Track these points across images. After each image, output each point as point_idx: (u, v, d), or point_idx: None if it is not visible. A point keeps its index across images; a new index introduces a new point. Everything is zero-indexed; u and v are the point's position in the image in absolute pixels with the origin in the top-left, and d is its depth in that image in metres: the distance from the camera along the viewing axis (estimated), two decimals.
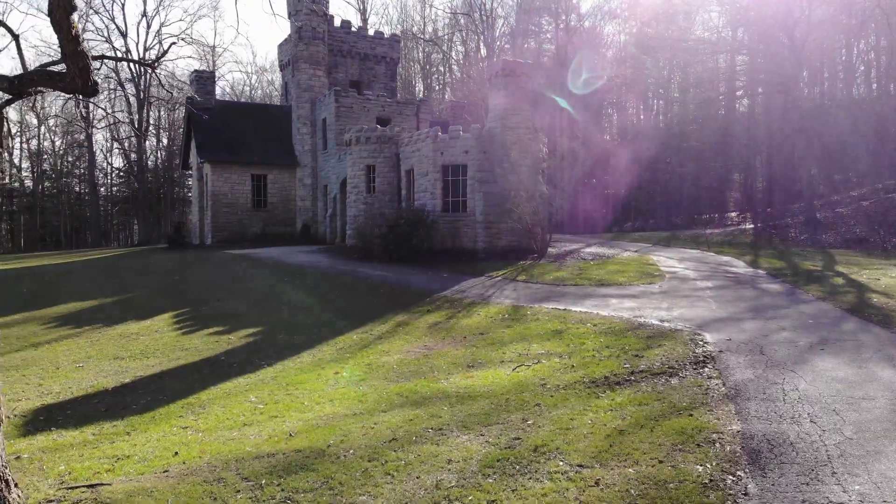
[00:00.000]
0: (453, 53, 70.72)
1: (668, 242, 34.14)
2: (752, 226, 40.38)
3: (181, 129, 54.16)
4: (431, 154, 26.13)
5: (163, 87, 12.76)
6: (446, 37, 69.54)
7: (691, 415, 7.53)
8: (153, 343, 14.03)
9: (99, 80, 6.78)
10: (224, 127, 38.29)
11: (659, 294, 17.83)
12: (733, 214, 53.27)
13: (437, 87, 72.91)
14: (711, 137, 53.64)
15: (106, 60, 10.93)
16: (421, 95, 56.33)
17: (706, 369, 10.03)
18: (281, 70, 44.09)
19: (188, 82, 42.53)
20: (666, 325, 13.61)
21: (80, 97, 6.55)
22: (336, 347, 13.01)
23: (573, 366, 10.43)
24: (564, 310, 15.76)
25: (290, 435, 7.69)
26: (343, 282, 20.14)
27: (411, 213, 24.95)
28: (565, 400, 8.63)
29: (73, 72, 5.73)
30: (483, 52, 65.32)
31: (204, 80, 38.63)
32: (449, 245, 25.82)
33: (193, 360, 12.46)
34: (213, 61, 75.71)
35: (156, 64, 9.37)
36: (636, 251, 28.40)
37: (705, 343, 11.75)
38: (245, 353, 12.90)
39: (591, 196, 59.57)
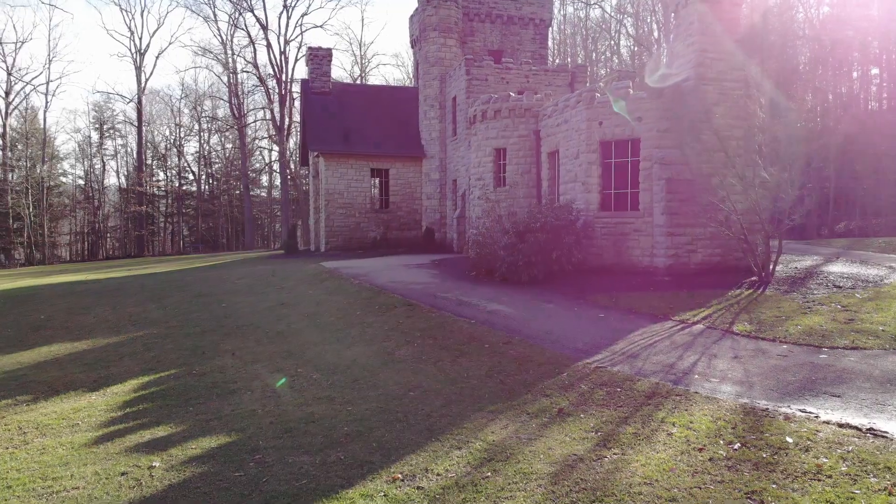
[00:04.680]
0: (623, 29, 60.56)
1: None
2: None
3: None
4: (585, 126, 17.68)
5: None
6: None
7: None
8: (23, 466, 7.42)
9: None
10: (341, 114, 32.55)
11: None
12: None
13: (603, 73, 63.14)
14: None
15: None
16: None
17: None
18: (412, 47, 37.74)
19: (304, 63, 37.61)
20: None
21: None
22: None
23: None
24: (870, 433, 6.86)
25: None
26: (433, 322, 12.53)
27: (552, 214, 16.74)
28: None
29: None
30: (660, 21, 55.00)
31: (320, 59, 33.13)
32: (609, 260, 17.24)
33: None
34: (362, 55, 72.31)
35: None
36: None
37: None
38: None
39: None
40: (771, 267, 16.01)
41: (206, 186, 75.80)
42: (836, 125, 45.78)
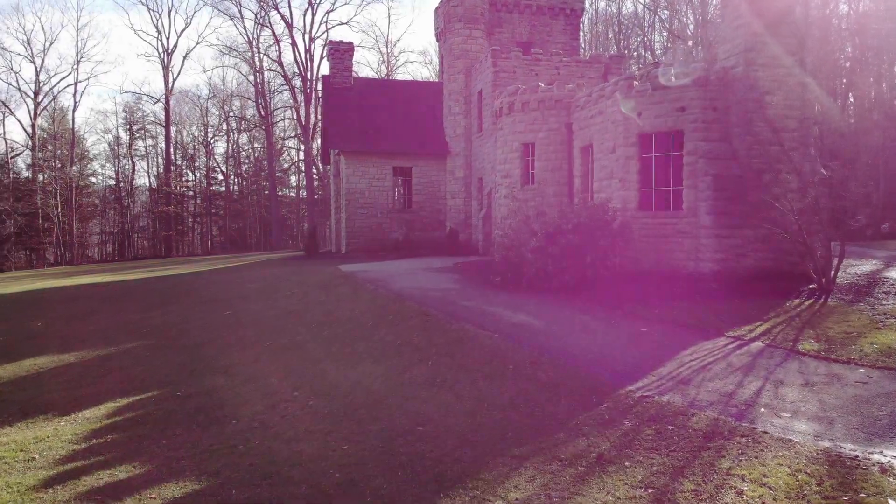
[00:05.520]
0: (657, 23, 58.35)
1: None
2: None
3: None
4: (622, 117, 16.11)
5: None
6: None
7: None
8: None
9: None
10: (363, 110, 31.35)
11: None
12: None
13: (636, 69, 60.88)
14: None
15: None
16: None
17: None
18: (437, 41, 36.39)
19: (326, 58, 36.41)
20: None
21: None
22: None
23: None
24: None
25: None
26: (451, 336, 11.15)
27: (585, 214, 15.21)
28: None
29: None
30: (697, 14, 52.83)
31: (341, 53, 31.99)
32: (648, 264, 15.64)
33: None
34: (389, 53, 71.19)
35: None
36: None
37: None
38: None
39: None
40: (832, 273, 14.27)
41: (235, 186, 75.47)
42: (881, 121, 43.18)
